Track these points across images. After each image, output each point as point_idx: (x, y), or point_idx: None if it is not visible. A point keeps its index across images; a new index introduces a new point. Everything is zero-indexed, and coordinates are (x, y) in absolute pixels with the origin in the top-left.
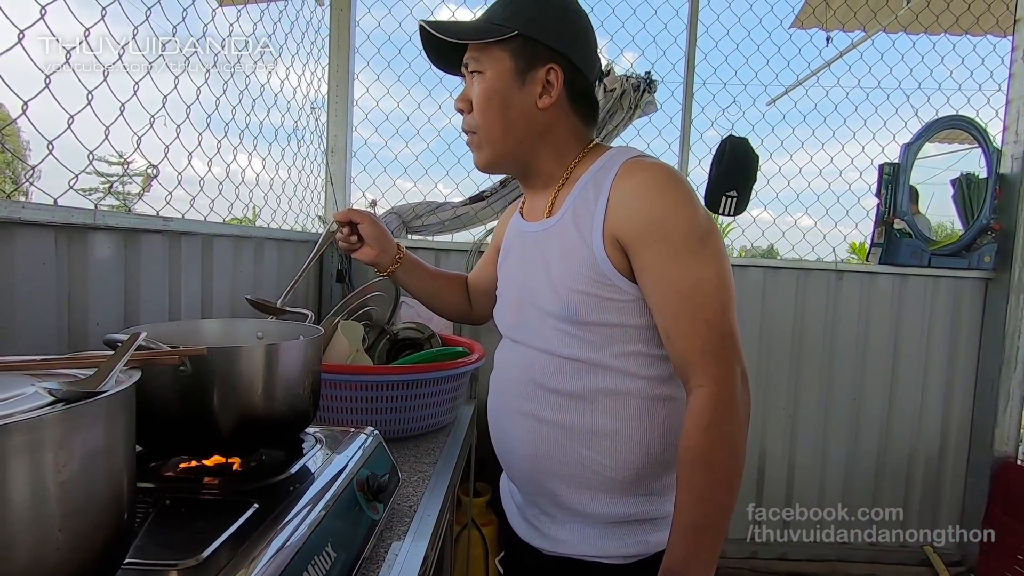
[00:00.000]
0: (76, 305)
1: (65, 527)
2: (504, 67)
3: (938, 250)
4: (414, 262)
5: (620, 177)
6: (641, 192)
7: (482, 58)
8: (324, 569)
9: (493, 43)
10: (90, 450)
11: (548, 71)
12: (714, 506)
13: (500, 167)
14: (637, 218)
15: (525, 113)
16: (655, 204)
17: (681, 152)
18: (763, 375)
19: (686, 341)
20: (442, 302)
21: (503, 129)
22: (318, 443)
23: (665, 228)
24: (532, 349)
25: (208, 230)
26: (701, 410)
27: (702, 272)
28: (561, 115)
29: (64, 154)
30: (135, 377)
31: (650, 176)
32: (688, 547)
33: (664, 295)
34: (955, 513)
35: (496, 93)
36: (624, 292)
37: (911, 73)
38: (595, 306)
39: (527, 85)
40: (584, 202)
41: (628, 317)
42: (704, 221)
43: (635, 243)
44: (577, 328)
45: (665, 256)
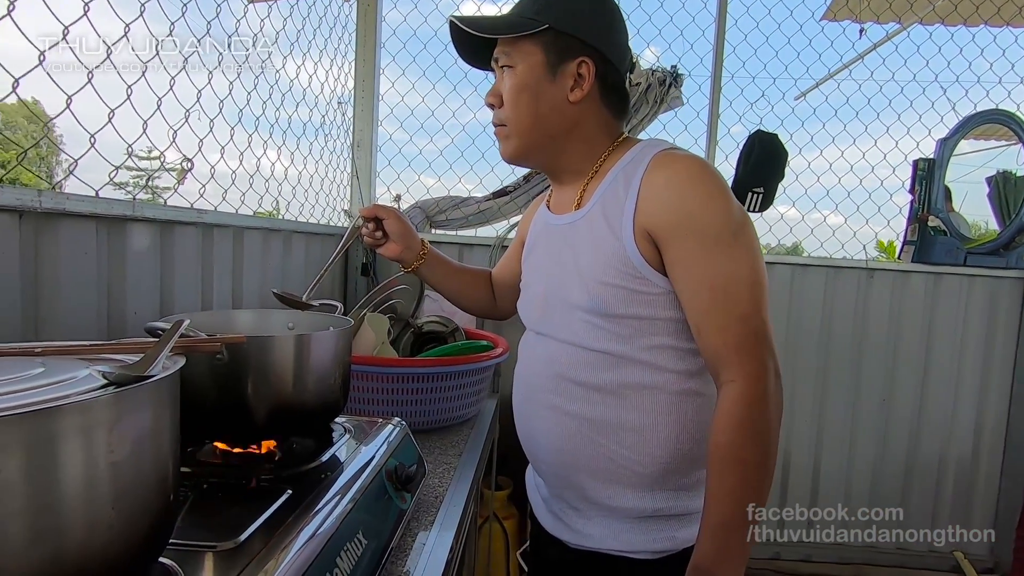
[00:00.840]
0: (115, 294)
1: (117, 506)
2: (535, 61)
3: (974, 248)
4: (438, 258)
5: (651, 169)
6: (674, 184)
7: (513, 52)
8: (356, 556)
9: (524, 37)
10: (139, 433)
11: (579, 64)
12: (745, 503)
13: (528, 160)
14: (669, 211)
15: (556, 106)
16: (688, 197)
17: (708, 147)
18: (790, 373)
19: (718, 336)
20: (466, 298)
21: (533, 122)
22: (347, 432)
23: (698, 221)
24: (558, 342)
25: (239, 223)
26: (733, 406)
27: (736, 267)
28: (592, 108)
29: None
30: (180, 363)
31: (683, 168)
32: (718, 544)
33: (696, 289)
34: (988, 518)
35: (527, 87)
36: (654, 285)
37: (948, 66)
38: (624, 299)
39: (558, 79)
40: (614, 194)
41: (657, 310)
42: (738, 215)
43: (667, 236)
44: (605, 321)
45: (698, 250)
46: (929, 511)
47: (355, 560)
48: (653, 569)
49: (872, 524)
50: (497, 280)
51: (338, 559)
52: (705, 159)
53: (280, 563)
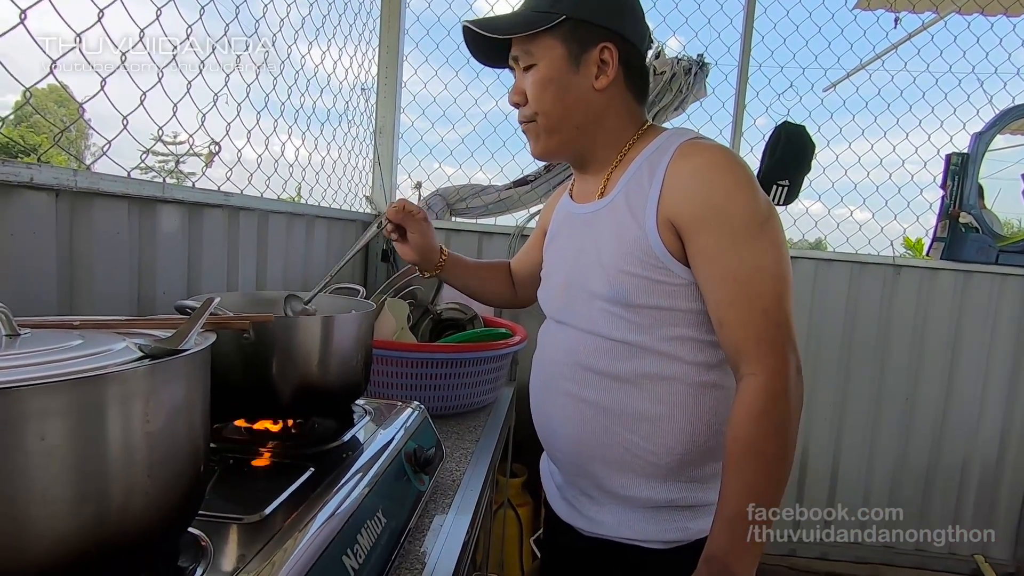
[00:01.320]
0: (145, 273)
1: (153, 474)
2: (557, 54)
3: (1007, 247)
4: (456, 263)
5: (677, 159)
6: (700, 175)
7: (533, 49)
8: (375, 533)
9: (542, 32)
10: (173, 404)
11: (602, 51)
12: (762, 496)
13: (559, 155)
14: (695, 201)
15: (583, 97)
16: (714, 188)
17: (733, 138)
18: (810, 369)
19: (741, 329)
20: (487, 294)
21: (561, 116)
22: (367, 414)
23: (724, 213)
24: (579, 331)
25: (264, 206)
26: (753, 399)
27: (760, 259)
28: (617, 94)
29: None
30: (211, 339)
31: (709, 158)
32: (733, 536)
33: (720, 281)
34: (1012, 522)
35: (552, 82)
36: (676, 276)
37: (987, 57)
38: (645, 289)
39: (582, 68)
40: (638, 183)
41: (679, 301)
42: (764, 207)
43: (692, 227)
44: (626, 310)
45: (723, 241)
46: (951, 513)
47: (375, 538)
48: (665, 559)
49: (891, 524)
50: (516, 270)
51: (358, 536)
52: (731, 150)
53: (303, 537)
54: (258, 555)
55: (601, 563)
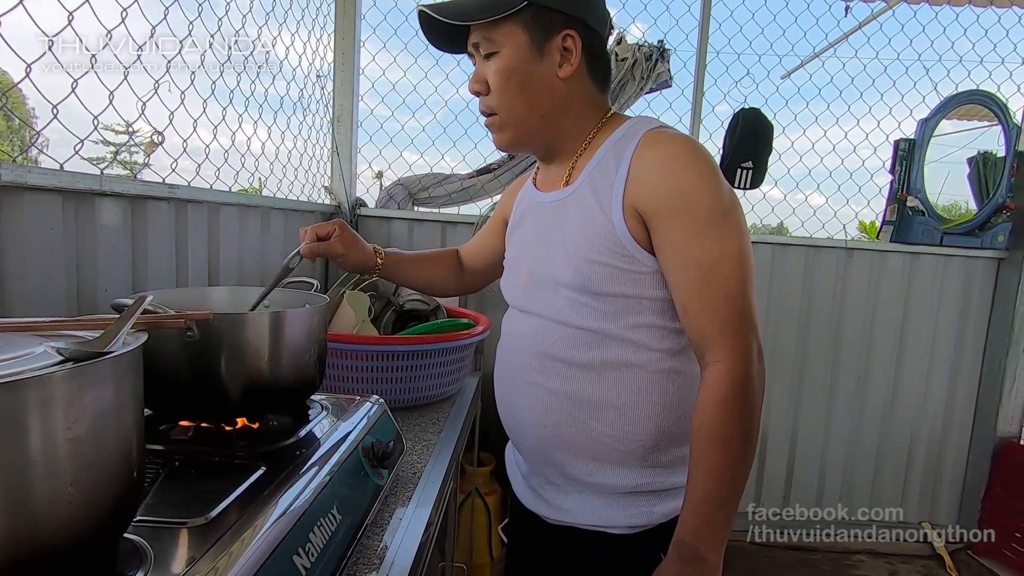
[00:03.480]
0: (85, 271)
1: (76, 482)
2: (519, 42)
3: (951, 229)
4: (396, 262)
5: (642, 147)
6: (665, 164)
7: (494, 36)
8: (330, 530)
9: (504, 18)
10: (99, 409)
11: (565, 38)
12: (727, 481)
13: (524, 147)
14: (660, 190)
15: (547, 86)
16: (680, 177)
17: (692, 126)
18: (769, 351)
19: (704, 316)
20: (432, 286)
21: (525, 107)
22: (324, 410)
23: (689, 201)
24: (542, 319)
25: (214, 198)
26: (717, 385)
27: (724, 247)
28: (580, 82)
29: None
30: (142, 339)
31: (675, 148)
32: (701, 520)
33: (685, 269)
34: (956, 490)
35: (515, 70)
36: (641, 264)
37: (932, 45)
38: (610, 276)
39: (545, 56)
40: (603, 172)
41: (644, 289)
42: (728, 196)
43: (657, 215)
44: (590, 298)
45: (688, 230)
46: (900, 483)
47: (329, 535)
48: (629, 543)
49: (846, 497)
50: (468, 257)
51: (311, 534)
52: (696, 140)
53: (252, 538)
54: (202, 560)
55: (566, 550)
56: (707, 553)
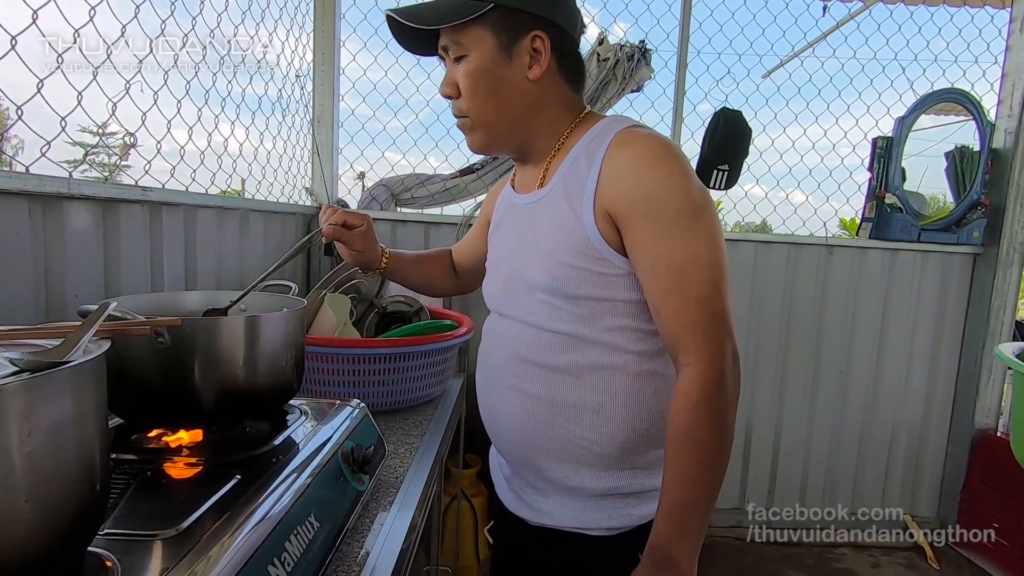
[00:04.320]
0: (53, 276)
1: (32, 498)
2: (487, 45)
3: (928, 225)
4: (399, 262)
5: (613, 147)
6: (635, 164)
7: (462, 40)
8: (307, 538)
9: (471, 21)
10: (58, 420)
11: (533, 39)
12: (701, 485)
13: (496, 149)
14: (630, 192)
15: (517, 89)
16: (649, 177)
17: (674, 124)
18: (752, 349)
19: (676, 319)
20: (431, 286)
21: (496, 110)
22: (303, 415)
23: (658, 202)
24: (519, 323)
25: (190, 201)
26: (690, 388)
27: (695, 248)
28: (552, 82)
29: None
30: (104, 347)
31: (645, 148)
32: (674, 525)
33: (655, 271)
34: (935, 482)
35: (484, 74)
36: (614, 266)
37: (908, 45)
38: (584, 280)
39: (514, 58)
40: (576, 173)
41: (618, 291)
42: (699, 195)
43: (627, 217)
44: (565, 302)
45: (657, 231)
46: (881, 476)
47: (307, 542)
48: (609, 545)
49: (829, 491)
50: (458, 258)
51: (287, 542)
52: (668, 138)
53: (225, 548)
54: (172, 572)
55: (548, 551)
56: (680, 558)
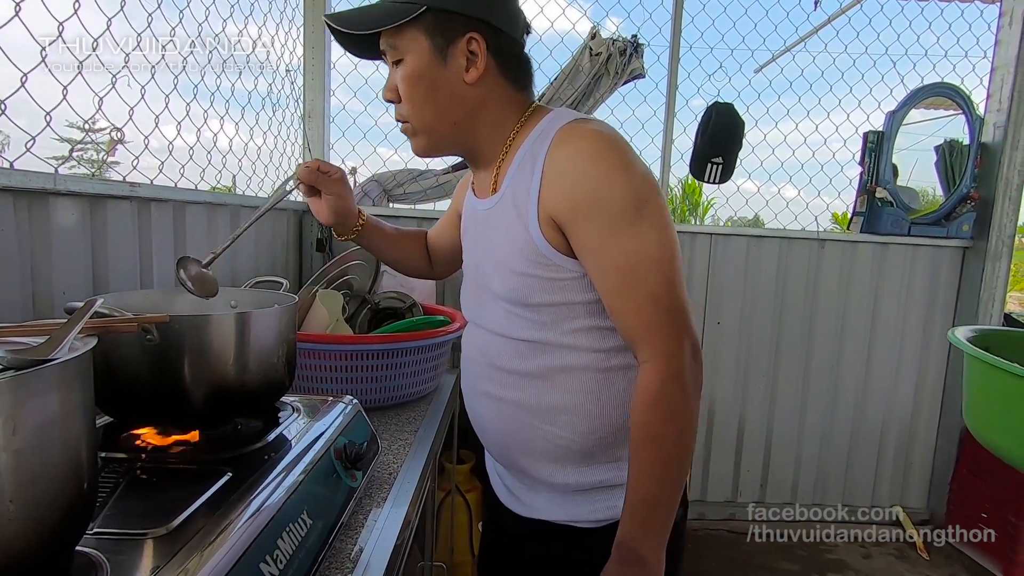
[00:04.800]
0: (40, 274)
1: (18, 497)
2: (422, 48)
3: (918, 219)
4: (375, 229)
5: (554, 146)
6: (573, 164)
7: (397, 43)
8: (300, 535)
9: (405, 24)
10: (43, 419)
11: (468, 41)
12: (664, 481)
13: (440, 152)
14: (570, 194)
15: (454, 92)
16: (586, 178)
17: (666, 119)
18: (744, 343)
19: (630, 317)
20: (404, 264)
21: (436, 113)
22: (295, 412)
23: (599, 203)
24: (488, 332)
25: (179, 197)
26: (648, 385)
27: (641, 245)
28: (492, 84)
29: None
30: (90, 345)
31: (581, 146)
32: (639, 521)
33: (604, 272)
34: (925, 474)
35: (420, 77)
36: (567, 270)
37: (899, 39)
38: (540, 287)
39: (450, 61)
40: (521, 178)
41: (574, 295)
42: (641, 188)
43: (570, 221)
44: (525, 310)
45: (601, 232)
46: (872, 469)
47: (300, 539)
48: (595, 536)
49: (821, 482)
50: (431, 243)
51: (279, 540)
52: (608, 131)
53: (216, 546)
54: (163, 571)
55: (538, 543)
56: (647, 553)
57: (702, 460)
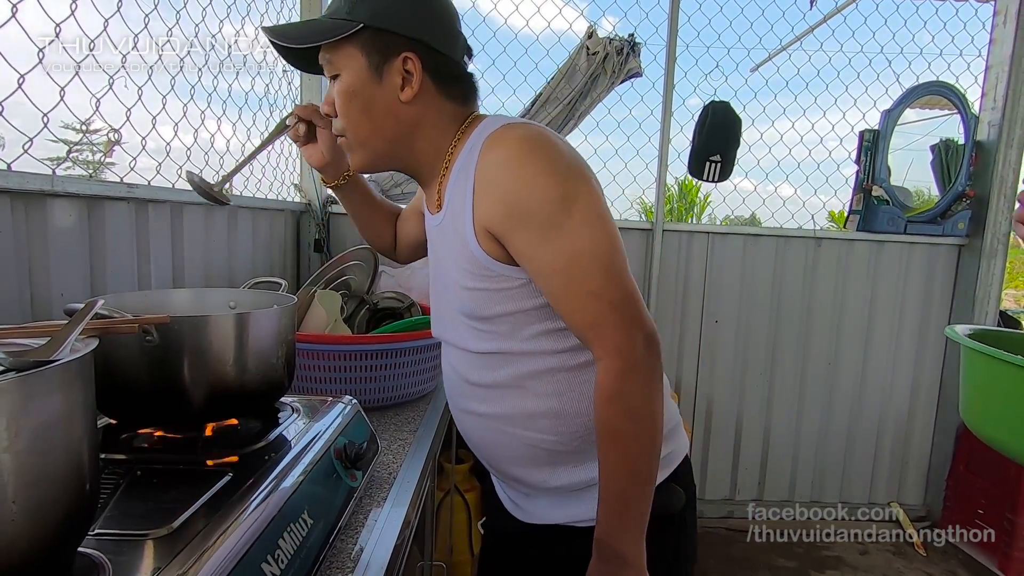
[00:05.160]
0: (38, 275)
1: (20, 498)
2: (358, 65)
3: (914, 217)
4: (359, 185)
5: (480, 157)
6: (497, 173)
7: (334, 59)
8: (300, 536)
9: (343, 41)
10: (45, 420)
11: (404, 60)
12: (632, 476)
13: (379, 168)
14: (499, 205)
15: (389, 110)
16: (511, 185)
17: (663, 118)
18: (742, 340)
19: (576, 317)
20: (372, 232)
21: (371, 130)
22: (295, 413)
23: (527, 209)
24: (456, 348)
25: (177, 198)
26: (603, 383)
27: (574, 244)
28: (430, 103)
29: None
30: (92, 346)
31: (504, 154)
32: (613, 519)
33: (544, 276)
34: (922, 470)
35: (355, 94)
36: (512, 279)
37: (894, 38)
38: (489, 300)
39: (385, 79)
40: (459, 192)
41: (524, 302)
42: (567, 188)
43: (503, 231)
44: (483, 323)
45: (534, 239)
46: (869, 466)
47: (300, 539)
48: None
49: (818, 480)
50: (399, 224)
51: (280, 540)
52: (531, 132)
53: (217, 547)
54: (164, 571)
55: (540, 545)
56: (625, 549)
57: (700, 458)
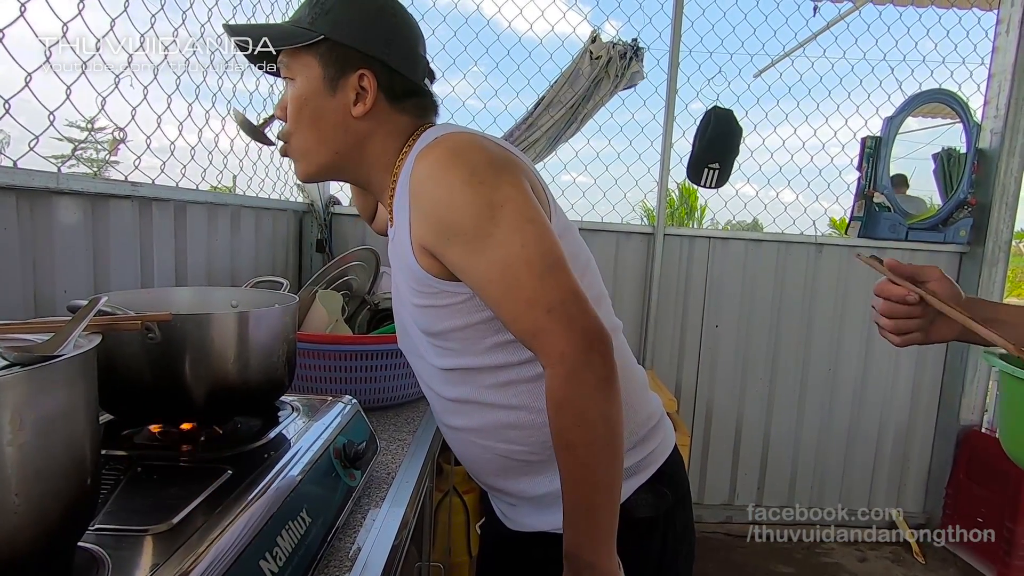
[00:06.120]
0: (42, 272)
1: (22, 491)
2: (313, 74)
3: (916, 224)
4: None
5: (412, 171)
6: (423, 188)
7: (292, 64)
8: (299, 534)
9: (301, 48)
10: (48, 414)
11: (360, 77)
12: (592, 485)
13: (323, 179)
14: (427, 220)
15: (339, 123)
16: (437, 200)
17: (665, 123)
18: (743, 345)
19: (517, 326)
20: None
21: (317, 140)
22: (295, 412)
23: (454, 224)
24: (424, 362)
25: (180, 197)
26: (550, 391)
27: (505, 252)
28: (384, 118)
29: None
30: (95, 342)
31: (428, 167)
32: (579, 529)
33: (482, 288)
34: (921, 478)
35: (307, 102)
36: (456, 294)
37: (896, 45)
38: (438, 316)
39: (338, 93)
40: (402, 209)
41: (471, 315)
42: (491, 195)
43: (435, 248)
44: (436, 339)
45: (463, 251)
46: (869, 473)
47: (299, 537)
48: None
49: (818, 486)
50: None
51: (279, 537)
52: (457, 140)
53: (215, 543)
54: (163, 567)
55: (531, 550)
56: (593, 558)
57: (700, 462)
